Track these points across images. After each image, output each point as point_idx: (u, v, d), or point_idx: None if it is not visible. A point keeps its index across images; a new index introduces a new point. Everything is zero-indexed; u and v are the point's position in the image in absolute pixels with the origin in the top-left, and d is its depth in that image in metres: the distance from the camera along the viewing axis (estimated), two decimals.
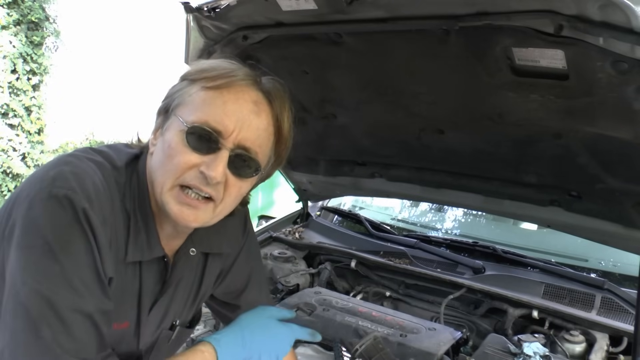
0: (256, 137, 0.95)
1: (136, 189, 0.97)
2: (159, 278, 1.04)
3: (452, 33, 1.20)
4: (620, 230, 1.63)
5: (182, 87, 0.97)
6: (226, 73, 0.95)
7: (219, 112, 0.92)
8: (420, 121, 1.66)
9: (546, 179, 1.67)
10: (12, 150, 7.18)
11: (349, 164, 2.16)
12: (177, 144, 0.92)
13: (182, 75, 0.99)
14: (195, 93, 0.94)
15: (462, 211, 2.66)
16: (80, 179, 0.87)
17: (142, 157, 1.01)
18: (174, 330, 1.14)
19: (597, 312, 1.70)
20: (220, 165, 0.91)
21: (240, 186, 0.97)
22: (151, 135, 1.01)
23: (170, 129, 0.94)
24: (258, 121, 0.95)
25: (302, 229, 2.47)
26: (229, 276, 1.23)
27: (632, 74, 1.08)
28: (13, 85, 7.00)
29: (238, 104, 0.93)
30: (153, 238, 0.98)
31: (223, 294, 1.27)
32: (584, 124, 1.34)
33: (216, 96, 0.93)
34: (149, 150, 1.00)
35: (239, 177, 0.95)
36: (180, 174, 0.91)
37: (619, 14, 0.97)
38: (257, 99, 0.96)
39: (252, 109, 0.94)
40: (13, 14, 6.84)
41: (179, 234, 1.05)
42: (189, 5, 1.43)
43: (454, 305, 1.90)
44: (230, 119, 0.92)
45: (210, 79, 0.93)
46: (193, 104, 0.93)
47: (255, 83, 0.97)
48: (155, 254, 0.99)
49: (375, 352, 1.43)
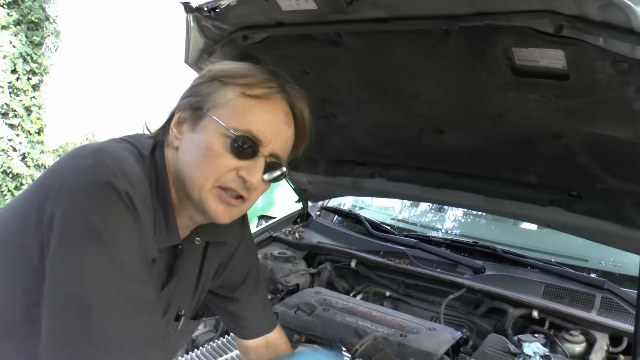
0: (286, 147, 1.04)
1: (155, 178, 0.99)
2: (166, 266, 1.07)
3: (452, 33, 1.20)
4: (620, 230, 1.63)
5: (215, 88, 0.99)
6: (262, 82, 1.00)
7: (260, 121, 0.98)
8: (420, 121, 1.66)
9: (546, 179, 1.67)
10: (12, 150, 7.19)
11: (349, 164, 2.16)
12: (218, 147, 0.96)
13: (210, 74, 1.01)
14: (235, 99, 0.98)
15: (462, 211, 2.66)
16: (119, 163, 0.88)
17: (157, 147, 1.03)
18: (179, 321, 1.15)
19: (597, 312, 1.70)
20: (259, 172, 0.99)
21: (265, 188, 1.05)
22: (173, 128, 1.02)
23: (207, 129, 0.97)
24: (289, 132, 1.03)
25: (302, 229, 2.47)
26: (228, 269, 1.26)
27: (632, 74, 1.08)
28: (13, 85, 7.00)
29: (275, 115, 1.00)
30: (172, 226, 1.01)
31: (221, 288, 1.29)
32: (584, 124, 1.34)
33: (256, 105, 0.98)
34: (172, 143, 1.01)
35: (271, 182, 1.03)
36: (220, 176, 0.96)
37: (619, 14, 0.97)
38: (288, 111, 1.03)
39: (284, 121, 1.02)
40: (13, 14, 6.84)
41: (193, 225, 1.08)
42: (189, 5, 1.43)
43: (454, 305, 1.90)
44: (269, 130, 0.98)
45: (248, 87, 0.98)
46: (234, 109, 0.97)
47: (287, 96, 1.03)
48: (173, 241, 1.03)
49: (375, 352, 1.43)
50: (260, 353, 1.34)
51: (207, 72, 1.03)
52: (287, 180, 2.39)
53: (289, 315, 1.68)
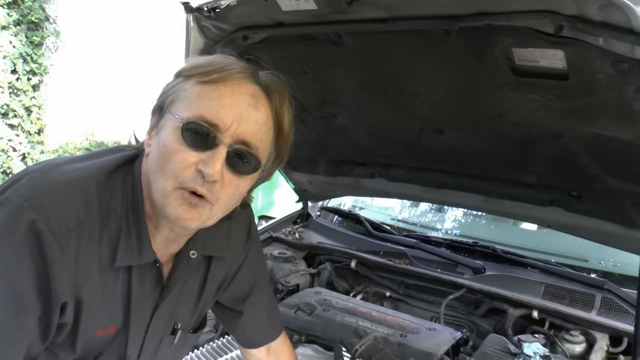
0: (256, 131, 0.90)
1: (130, 191, 0.94)
2: (155, 283, 1.01)
3: (452, 33, 1.20)
4: (620, 230, 1.63)
5: (177, 83, 0.93)
6: (222, 67, 0.90)
7: (215, 105, 0.87)
8: (420, 121, 1.66)
9: (546, 179, 1.67)
10: (12, 151, 7.18)
11: (349, 164, 2.16)
12: (172, 142, 0.87)
13: (176, 72, 0.95)
14: (190, 88, 0.90)
15: (462, 211, 2.66)
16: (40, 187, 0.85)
17: (138, 158, 0.98)
18: (175, 334, 1.12)
19: (597, 312, 1.70)
20: (218, 162, 0.86)
21: (239, 184, 0.92)
22: (146, 135, 0.97)
23: (165, 127, 0.90)
24: (257, 115, 0.90)
25: (302, 229, 2.47)
26: (233, 283, 1.21)
27: (632, 74, 1.08)
28: (13, 86, 6.99)
29: (235, 97, 0.88)
30: (144, 242, 0.94)
31: (227, 301, 1.24)
32: (584, 124, 1.34)
33: (212, 90, 0.88)
34: (145, 151, 0.95)
35: (238, 174, 0.90)
36: (179, 175, 0.86)
37: (619, 14, 0.97)
38: (255, 92, 0.91)
39: (250, 102, 0.89)
40: (13, 14, 6.83)
41: (178, 237, 1.00)
42: (189, 5, 1.43)
43: (454, 306, 1.90)
44: (228, 113, 0.87)
45: (206, 74, 0.89)
46: (188, 99, 0.89)
47: (252, 76, 0.93)
48: (145, 259, 0.95)
49: (375, 352, 1.43)
50: (262, 358, 1.32)
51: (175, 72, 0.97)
52: (287, 180, 2.39)
53: (289, 316, 1.68)
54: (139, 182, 0.94)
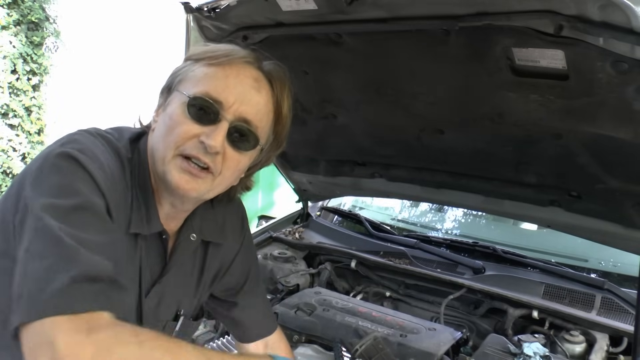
0: (256, 112, 0.98)
1: (137, 165, 1.00)
2: (159, 259, 1.06)
3: (452, 33, 1.20)
4: (620, 231, 1.63)
5: (185, 65, 1.01)
6: (229, 52, 0.99)
7: (220, 84, 0.95)
8: (420, 121, 1.66)
9: (546, 179, 1.67)
10: (12, 151, 7.17)
11: (349, 164, 2.16)
12: (178, 116, 0.94)
13: (186, 57, 1.04)
14: (198, 69, 0.98)
15: (462, 211, 2.65)
16: (87, 148, 0.89)
17: (144, 135, 1.04)
18: (177, 320, 1.15)
19: (597, 312, 1.70)
20: (220, 135, 0.93)
21: (239, 160, 0.99)
22: (153, 113, 1.04)
23: (172, 103, 0.98)
24: (258, 97, 0.99)
25: (302, 229, 2.47)
26: (229, 273, 1.25)
27: (632, 74, 1.08)
28: (13, 86, 6.99)
29: (239, 79, 0.97)
30: (152, 213, 1.00)
31: (221, 292, 1.28)
32: (584, 124, 1.34)
33: (218, 70, 0.97)
34: (152, 127, 1.02)
35: (238, 149, 0.97)
36: (181, 144, 0.93)
37: (619, 14, 0.97)
38: (258, 77, 1.00)
39: (252, 85, 0.98)
40: (13, 14, 6.83)
41: (178, 214, 1.06)
42: (189, 5, 1.43)
43: (454, 306, 1.90)
44: (231, 92, 0.95)
45: (214, 57, 0.98)
46: (195, 78, 0.97)
47: (256, 62, 1.01)
48: (154, 228, 1.01)
49: (375, 352, 1.43)
50: None
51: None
52: (287, 180, 2.39)
53: (289, 316, 1.68)
54: (145, 157, 1.00)
